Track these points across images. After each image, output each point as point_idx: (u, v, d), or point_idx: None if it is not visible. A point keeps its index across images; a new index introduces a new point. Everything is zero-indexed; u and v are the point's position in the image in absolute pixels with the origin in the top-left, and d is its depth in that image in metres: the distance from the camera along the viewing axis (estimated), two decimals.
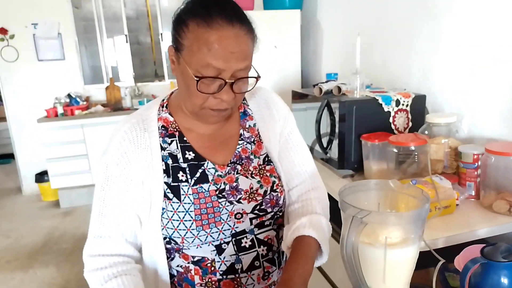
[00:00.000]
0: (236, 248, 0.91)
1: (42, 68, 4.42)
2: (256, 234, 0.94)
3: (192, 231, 0.86)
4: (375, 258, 0.76)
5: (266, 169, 0.96)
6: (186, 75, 0.80)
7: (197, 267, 0.92)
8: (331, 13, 2.90)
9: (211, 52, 0.76)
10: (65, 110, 4.11)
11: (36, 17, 4.28)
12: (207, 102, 0.82)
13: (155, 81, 4.97)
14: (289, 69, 3.18)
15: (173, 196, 0.87)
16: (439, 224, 1.18)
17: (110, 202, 0.88)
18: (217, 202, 0.88)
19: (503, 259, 0.84)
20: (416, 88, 1.90)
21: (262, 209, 0.93)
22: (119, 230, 0.88)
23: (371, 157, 1.56)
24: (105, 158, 0.88)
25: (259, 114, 0.99)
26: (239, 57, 0.78)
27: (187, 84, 0.82)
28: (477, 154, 1.32)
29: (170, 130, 0.91)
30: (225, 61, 0.77)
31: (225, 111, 0.86)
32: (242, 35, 0.79)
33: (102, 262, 0.86)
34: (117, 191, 0.87)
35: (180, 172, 0.89)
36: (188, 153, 0.90)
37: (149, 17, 5.12)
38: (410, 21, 1.94)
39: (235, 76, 0.80)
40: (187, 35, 0.79)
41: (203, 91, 0.80)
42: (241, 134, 0.96)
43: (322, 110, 1.74)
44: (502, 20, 1.42)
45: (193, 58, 0.78)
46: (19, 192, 4.74)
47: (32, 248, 3.38)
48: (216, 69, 0.78)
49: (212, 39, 0.76)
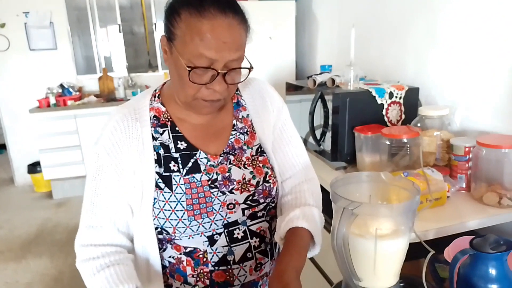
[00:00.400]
0: (228, 239, 0.91)
1: (34, 58, 4.36)
2: (248, 225, 0.94)
3: (183, 221, 0.86)
4: (366, 249, 0.77)
5: (259, 160, 0.96)
6: (179, 65, 0.80)
7: (189, 258, 0.92)
8: (326, 4, 2.88)
9: (204, 42, 0.75)
10: (58, 100, 4.07)
11: (28, 6, 4.21)
12: (200, 92, 0.82)
13: (149, 71, 4.93)
14: (283, 61, 3.17)
15: (164, 186, 0.87)
16: (430, 215, 1.19)
17: (102, 191, 0.87)
18: (209, 192, 0.88)
19: (492, 250, 0.85)
20: (411, 80, 1.90)
21: (254, 200, 0.93)
22: (111, 220, 0.88)
23: (364, 149, 1.57)
24: (96, 147, 0.87)
25: (252, 105, 0.99)
26: (231, 47, 0.78)
27: (180, 74, 0.81)
28: (469, 147, 1.33)
29: (162, 120, 0.90)
30: (217, 51, 0.76)
31: (217, 101, 0.85)
32: (235, 25, 0.78)
33: (94, 252, 0.86)
34: (109, 180, 0.87)
35: (172, 162, 0.88)
36: (180, 143, 0.90)
37: (142, 6, 5.06)
38: (405, 14, 1.94)
39: (228, 66, 0.80)
40: (179, 25, 0.78)
41: (196, 82, 0.79)
42: (234, 124, 0.96)
43: (316, 102, 1.74)
44: (497, 14, 1.43)
45: (185, 48, 0.78)
46: (12, 183, 4.71)
47: (25, 239, 3.37)
48: (208, 59, 0.77)
49: (205, 29, 0.75)
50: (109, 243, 0.88)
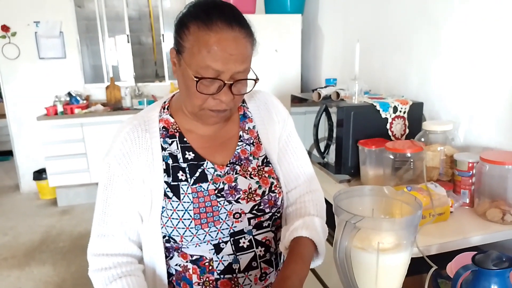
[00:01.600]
0: (234, 248, 0.93)
1: (43, 66, 4.43)
2: (254, 235, 0.95)
3: (191, 230, 0.88)
4: (368, 263, 0.77)
5: (265, 170, 0.98)
6: (187, 76, 0.83)
7: (195, 266, 0.93)
8: (331, 18, 2.92)
9: (211, 54, 0.78)
10: (65, 108, 4.12)
11: (39, 16, 4.30)
12: (206, 103, 0.84)
13: (156, 81, 4.99)
14: (289, 73, 3.19)
15: (172, 195, 0.89)
16: (433, 230, 1.19)
17: (113, 201, 0.90)
18: (216, 201, 0.90)
19: (494, 267, 0.85)
20: (414, 95, 1.91)
21: (260, 209, 0.94)
22: (122, 229, 0.90)
23: (368, 162, 1.58)
24: (107, 158, 0.90)
25: (258, 117, 1.01)
26: (237, 59, 0.81)
27: (188, 85, 0.84)
28: (472, 162, 1.34)
29: (171, 131, 0.93)
30: (224, 63, 0.79)
31: (224, 112, 0.88)
32: (241, 38, 0.81)
33: (106, 262, 0.88)
34: (120, 190, 0.89)
35: (180, 171, 0.91)
36: (188, 153, 0.92)
37: (151, 17, 5.14)
38: (409, 28, 1.96)
39: (234, 78, 0.82)
40: (188, 37, 0.81)
41: (203, 92, 0.82)
42: (240, 135, 0.98)
43: (320, 115, 1.76)
44: (499, 29, 1.44)
45: (193, 59, 0.81)
46: (17, 189, 4.74)
47: (29, 246, 3.38)
48: (215, 71, 0.80)
49: (212, 41, 0.78)
50: (120, 252, 0.90)
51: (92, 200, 4.29)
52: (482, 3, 1.50)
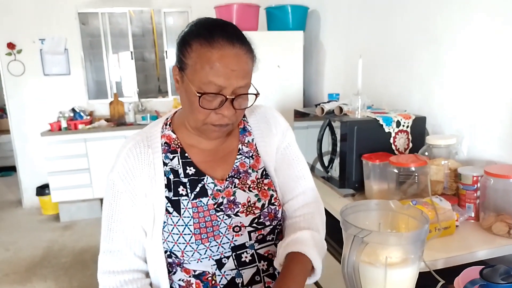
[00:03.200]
0: (236, 263, 0.93)
1: (47, 83, 4.48)
2: (256, 249, 0.95)
3: (191, 245, 0.89)
4: (376, 277, 0.77)
5: (264, 183, 0.98)
6: (190, 92, 0.85)
7: (198, 281, 0.93)
8: (333, 34, 2.96)
9: (213, 70, 0.81)
10: (69, 124, 4.14)
11: (44, 33, 4.36)
12: (209, 118, 0.87)
13: (159, 97, 5.02)
14: (291, 88, 3.22)
15: (173, 210, 0.90)
16: (439, 245, 1.19)
17: (118, 217, 0.91)
18: (215, 215, 0.91)
19: (502, 281, 0.85)
20: (417, 109, 1.93)
21: (260, 222, 0.95)
22: (127, 244, 0.92)
23: (372, 177, 1.58)
24: (112, 175, 0.92)
25: (257, 130, 1.03)
26: (239, 74, 0.83)
27: (191, 100, 0.86)
28: (477, 176, 1.34)
29: (173, 147, 0.95)
30: (226, 78, 0.82)
31: (226, 126, 0.89)
32: (242, 54, 0.84)
33: (114, 281, 0.90)
34: (124, 206, 0.91)
35: (180, 186, 0.92)
36: (189, 168, 0.94)
37: (154, 34, 5.21)
38: (410, 44, 1.99)
39: (236, 93, 0.85)
40: (190, 55, 0.84)
41: (205, 107, 0.84)
42: (239, 148, 1.00)
43: (324, 130, 1.77)
44: (500, 44, 1.46)
45: (196, 76, 0.83)
46: (20, 205, 4.73)
47: (30, 261, 3.36)
48: (217, 86, 0.82)
49: (214, 58, 0.81)
50: (127, 269, 0.91)
51: (94, 216, 4.28)
52: (482, 20, 1.53)
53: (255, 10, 3.15)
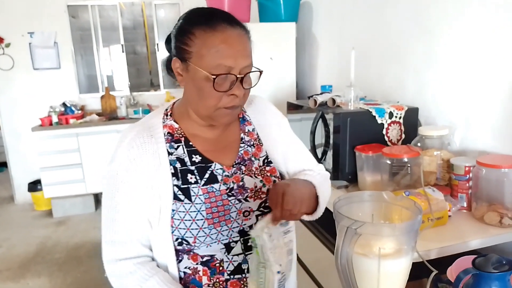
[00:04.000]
0: (243, 247, 0.95)
1: (37, 77, 4.42)
2: None
3: (204, 230, 0.90)
4: (369, 268, 0.77)
5: (266, 170, 1.01)
6: (199, 79, 0.86)
7: (206, 268, 0.95)
8: (326, 26, 2.95)
9: (220, 52, 0.84)
10: (60, 119, 4.10)
11: (33, 26, 4.30)
12: (221, 101, 0.88)
13: (151, 90, 4.99)
14: (284, 81, 3.21)
15: (184, 197, 0.91)
16: (432, 235, 1.19)
17: (121, 208, 0.91)
18: (227, 200, 0.93)
19: (494, 270, 0.85)
20: (410, 101, 1.93)
21: (266, 206, 0.98)
22: (133, 235, 0.92)
23: (365, 168, 1.58)
24: (113, 165, 0.91)
25: (256, 120, 1.06)
26: (244, 54, 0.87)
27: (200, 87, 0.87)
28: (469, 167, 1.35)
29: (176, 136, 0.96)
30: (233, 58, 0.84)
31: (237, 108, 0.92)
32: (243, 35, 0.88)
33: (128, 266, 0.91)
34: (128, 197, 0.91)
35: (189, 174, 0.93)
36: (195, 156, 0.95)
37: (145, 27, 5.16)
38: (404, 35, 1.98)
39: (242, 72, 0.87)
40: (194, 42, 0.85)
41: (219, 90, 0.86)
42: (242, 138, 1.02)
43: (317, 122, 1.76)
44: (493, 36, 1.46)
45: (203, 61, 0.85)
46: (12, 201, 4.69)
47: (24, 258, 3.34)
48: (226, 67, 0.84)
49: (219, 41, 0.84)
50: (134, 255, 0.93)
51: (88, 211, 4.26)
52: (476, 11, 1.53)
53: (247, 1, 3.12)
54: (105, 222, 0.93)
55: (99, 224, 0.95)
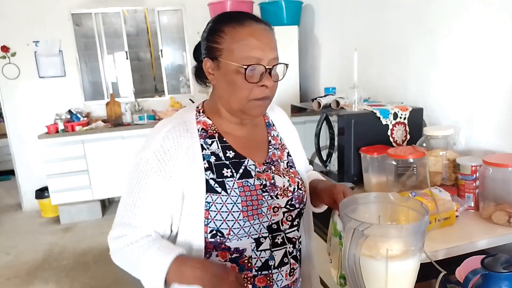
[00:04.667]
0: (271, 243, 0.99)
1: (43, 85, 4.46)
2: (286, 233, 1.03)
3: (239, 222, 0.94)
4: (377, 270, 0.77)
5: (291, 171, 1.07)
6: (230, 72, 0.92)
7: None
8: (328, 28, 2.95)
9: (249, 45, 0.90)
10: (66, 126, 4.13)
11: (38, 35, 4.34)
12: (253, 93, 0.93)
13: (155, 96, 5.01)
14: (287, 84, 3.21)
15: (221, 189, 0.94)
16: (440, 235, 1.19)
17: (146, 195, 0.93)
18: (261, 195, 0.97)
19: (504, 270, 0.85)
20: (413, 101, 1.93)
21: (292, 204, 1.03)
22: (150, 223, 0.94)
23: (371, 169, 1.58)
24: (145, 153, 0.94)
25: (278, 127, 1.14)
26: (271, 46, 0.93)
27: (232, 81, 0.92)
28: (475, 166, 1.34)
29: (210, 132, 1.00)
30: (261, 50, 0.90)
31: (268, 100, 0.97)
32: (268, 30, 0.95)
33: (133, 236, 0.93)
34: (155, 185, 0.93)
35: (224, 168, 0.96)
36: (228, 152, 0.99)
37: (149, 33, 5.19)
38: (406, 36, 1.98)
39: (270, 64, 0.93)
40: (224, 38, 0.92)
41: (250, 81, 0.91)
42: (270, 140, 1.09)
43: (321, 124, 1.76)
44: (495, 34, 1.46)
45: (233, 55, 0.91)
46: (19, 208, 4.72)
47: (32, 264, 3.36)
48: (256, 58, 0.90)
49: (248, 34, 0.91)
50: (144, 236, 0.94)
51: (94, 217, 4.28)
52: (477, 10, 1.53)
53: (249, 5, 3.13)
54: (124, 205, 0.95)
55: (106, 229, 0.95)
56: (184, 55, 5.02)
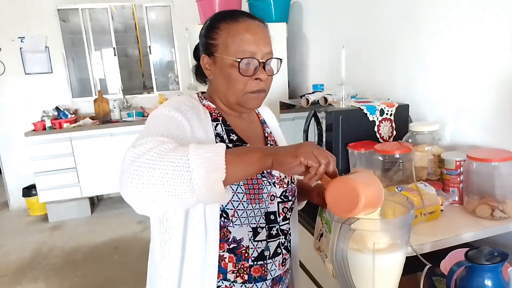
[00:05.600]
0: (267, 234, 1.01)
1: (29, 82, 4.39)
2: (280, 225, 1.05)
3: (243, 203, 0.96)
4: (364, 263, 0.79)
5: None
6: (226, 66, 0.95)
7: (232, 255, 0.98)
8: (316, 26, 2.96)
9: (243, 39, 0.94)
10: (53, 123, 4.08)
11: (23, 31, 4.27)
12: (248, 85, 0.96)
13: (144, 93, 4.98)
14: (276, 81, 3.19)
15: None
16: (425, 229, 1.21)
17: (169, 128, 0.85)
18: (261, 180, 1.00)
19: (487, 262, 0.87)
20: (400, 97, 1.95)
21: (286, 196, 1.06)
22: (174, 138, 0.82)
23: (358, 165, 1.60)
24: (167, 107, 0.90)
25: (270, 125, 1.17)
26: (265, 41, 0.96)
27: (227, 75, 0.95)
28: (460, 161, 1.37)
29: (214, 115, 1.02)
30: (256, 44, 0.94)
31: (263, 93, 0.99)
32: (262, 26, 0.99)
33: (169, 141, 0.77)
34: (179, 127, 0.87)
35: None
36: (232, 135, 1.02)
37: (137, 30, 5.14)
38: (393, 33, 2.01)
39: (265, 58, 0.96)
40: (219, 34, 0.96)
41: (245, 74, 0.94)
42: (266, 136, 1.12)
43: (310, 120, 1.78)
44: (480, 31, 1.49)
45: (229, 49, 0.95)
46: (6, 207, 4.66)
47: (20, 264, 3.32)
48: (250, 52, 0.94)
49: (242, 29, 0.95)
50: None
51: (83, 215, 4.25)
52: (464, 6, 1.55)
53: (237, 2, 3.12)
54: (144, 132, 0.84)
55: (95, 227, 0.93)
56: (172, 51, 4.99)
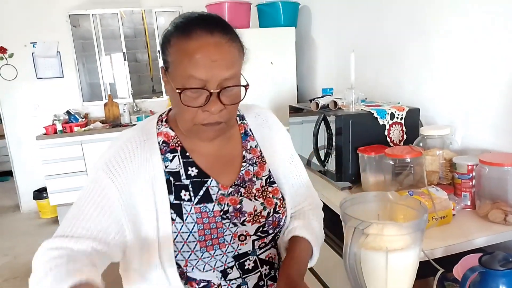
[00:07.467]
0: (240, 271, 0.90)
1: (41, 86, 4.45)
2: (258, 254, 0.93)
3: (196, 253, 0.84)
4: (377, 268, 0.78)
5: (269, 191, 0.94)
6: (174, 90, 0.79)
7: None
8: (324, 30, 2.97)
9: (192, 62, 0.76)
10: (64, 127, 4.13)
11: (35, 36, 4.33)
12: (197, 117, 0.80)
13: (153, 97, 5.01)
14: (285, 84, 3.23)
15: (176, 216, 0.83)
16: (437, 234, 1.20)
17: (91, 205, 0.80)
18: (221, 223, 0.86)
19: (501, 267, 0.86)
20: (409, 101, 1.94)
21: (264, 231, 0.92)
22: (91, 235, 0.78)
23: (368, 169, 1.59)
24: (99, 164, 0.83)
25: (259, 134, 0.98)
26: (222, 64, 0.77)
27: (176, 100, 0.79)
28: (472, 165, 1.36)
29: (172, 145, 0.88)
30: (207, 70, 0.76)
31: (218, 125, 0.82)
32: (223, 43, 0.78)
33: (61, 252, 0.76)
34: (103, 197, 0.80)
35: (182, 190, 0.85)
36: (191, 169, 0.87)
37: (146, 35, 5.19)
38: (401, 36, 2.00)
39: (222, 85, 0.78)
40: (170, 51, 0.80)
41: (189, 105, 0.78)
42: (244, 156, 0.94)
43: (319, 124, 1.78)
44: (489, 33, 1.48)
45: (177, 72, 0.78)
46: (17, 209, 4.71)
47: (30, 266, 3.32)
48: (200, 80, 0.76)
49: (192, 49, 0.76)
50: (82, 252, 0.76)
51: None
52: (471, 9, 1.54)
53: (246, 7, 3.14)
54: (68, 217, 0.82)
55: None
56: None
